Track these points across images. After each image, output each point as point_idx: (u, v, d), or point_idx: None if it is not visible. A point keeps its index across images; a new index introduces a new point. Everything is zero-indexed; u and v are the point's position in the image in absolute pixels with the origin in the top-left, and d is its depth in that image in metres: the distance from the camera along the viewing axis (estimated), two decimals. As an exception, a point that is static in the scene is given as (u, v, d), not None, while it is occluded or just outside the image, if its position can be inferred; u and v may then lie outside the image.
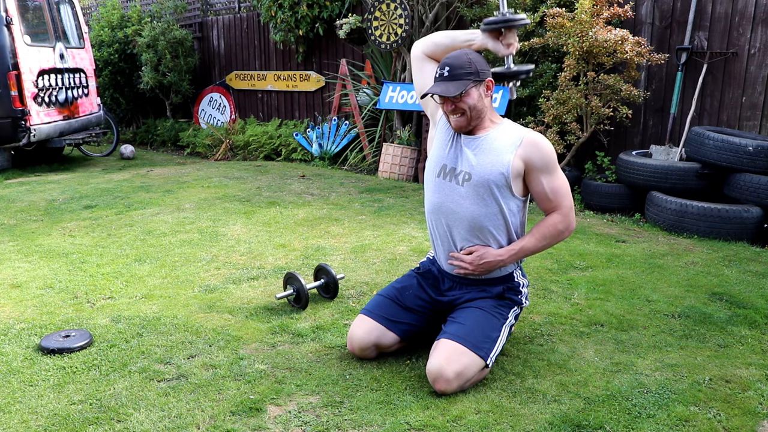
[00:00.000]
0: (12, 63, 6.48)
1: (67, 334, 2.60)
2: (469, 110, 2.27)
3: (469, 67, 2.25)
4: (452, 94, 2.22)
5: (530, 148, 2.27)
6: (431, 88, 2.28)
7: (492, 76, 2.32)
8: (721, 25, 4.84)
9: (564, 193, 2.34)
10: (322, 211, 4.83)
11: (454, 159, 2.35)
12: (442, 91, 2.23)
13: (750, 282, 3.27)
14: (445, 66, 2.27)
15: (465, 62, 2.25)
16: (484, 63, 2.30)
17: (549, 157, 2.29)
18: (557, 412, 2.05)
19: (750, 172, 4.16)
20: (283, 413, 2.07)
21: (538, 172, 2.29)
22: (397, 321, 2.39)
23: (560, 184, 2.33)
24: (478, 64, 2.27)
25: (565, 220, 2.34)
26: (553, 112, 5.00)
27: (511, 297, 2.38)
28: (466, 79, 2.24)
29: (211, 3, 9.43)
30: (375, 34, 6.34)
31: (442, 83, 2.25)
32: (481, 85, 2.28)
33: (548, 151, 2.30)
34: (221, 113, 9.07)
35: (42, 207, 5.18)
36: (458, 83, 2.23)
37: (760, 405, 2.11)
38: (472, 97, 2.26)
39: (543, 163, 2.28)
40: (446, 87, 2.23)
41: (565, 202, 2.34)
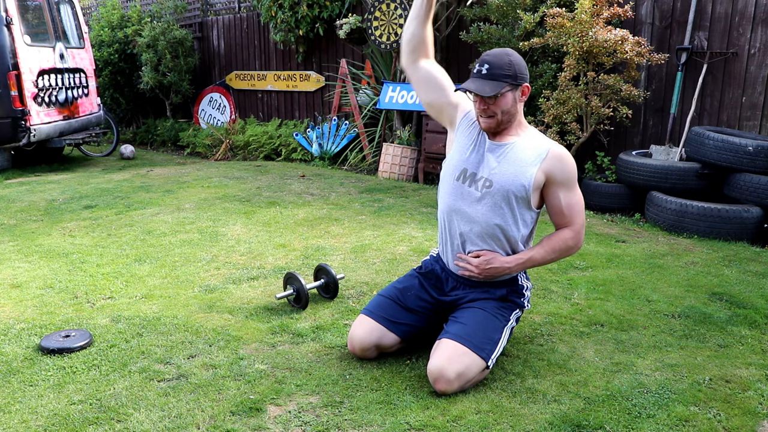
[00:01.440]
0: (12, 63, 6.48)
1: (67, 334, 2.60)
2: (501, 113, 2.23)
3: (509, 69, 2.20)
4: (488, 94, 2.17)
5: (555, 162, 2.26)
6: (467, 83, 2.21)
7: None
8: (721, 25, 4.84)
9: (579, 211, 2.33)
10: (322, 211, 4.83)
11: (476, 164, 2.32)
12: (478, 89, 2.17)
13: (750, 282, 3.27)
14: (485, 63, 2.21)
15: (505, 63, 2.20)
16: (524, 67, 2.25)
17: (571, 173, 2.29)
18: (557, 412, 2.05)
19: (750, 172, 4.16)
20: (283, 413, 2.07)
21: (558, 186, 2.29)
22: (398, 322, 2.39)
23: (577, 201, 2.33)
24: (518, 67, 2.22)
25: (576, 236, 2.34)
26: (553, 112, 5.00)
27: (514, 299, 2.37)
28: (503, 81, 2.19)
29: (211, 3, 9.43)
30: (375, 34, 6.34)
31: (479, 80, 2.20)
32: (517, 90, 2.24)
33: (571, 167, 2.30)
34: (221, 113, 9.07)
35: (42, 207, 5.18)
36: (495, 84, 2.18)
37: (760, 405, 2.11)
38: (506, 100, 2.22)
39: (565, 178, 2.28)
40: (482, 85, 2.18)
41: (578, 219, 2.34)
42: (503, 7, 5.40)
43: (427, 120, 5.95)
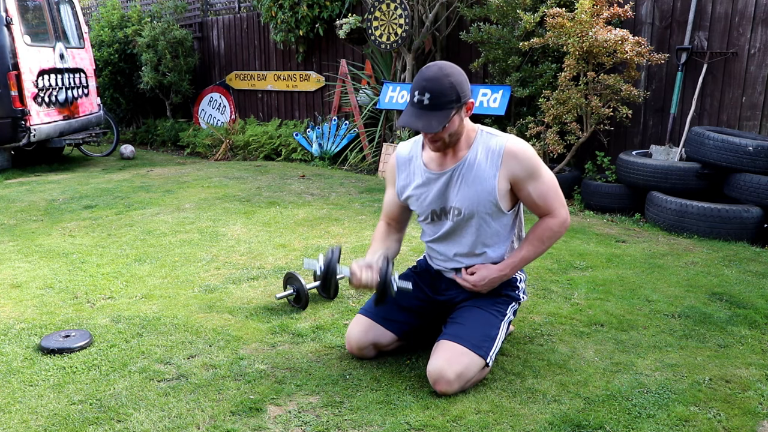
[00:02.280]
0: (12, 63, 6.48)
1: (67, 334, 2.60)
2: (448, 137, 2.13)
3: (452, 92, 2.05)
4: (436, 130, 2.05)
5: (511, 162, 2.17)
6: (409, 119, 2.06)
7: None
8: (721, 25, 4.84)
9: (553, 196, 2.25)
10: (322, 211, 4.83)
11: (440, 200, 2.26)
12: (424, 127, 2.05)
13: (750, 282, 3.27)
14: (425, 91, 2.04)
15: (447, 87, 2.04)
16: (464, 82, 2.10)
17: (531, 164, 2.18)
18: (557, 412, 2.05)
19: (750, 172, 4.16)
20: (283, 413, 2.07)
21: (523, 182, 2.20)
22: (394, 320, 2.39)
23: (548, 187, 2.23)
24: (459, 87, 2.07)
25: (560, 221, 2.28)
26: (553, 112, 5.00)
27: (509, 293, 2.36)
28: (448, 108, 2.05)
29: (211, 3, 9.43)
30: (375, 34, 6.34)
31: (423, 114, 2.05)
32: (462, 109, 2.12)
33: (529, 158, 2.18)
34: (221, 113, 9.07)
35: (42, 207, 5.18)
36: (441, 114, 2.05)
37: (760, 405, 2.11)
38: (453, 124, 2.11)
39: (526, 173, 2.19)
40: (428, 121, 2.05)
41: (555, 203, 2.26)
42: (503, 7, 5.40)
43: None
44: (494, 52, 5.55)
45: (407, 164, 2.35)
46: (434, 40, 6.45)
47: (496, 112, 5.53)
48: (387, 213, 2.47)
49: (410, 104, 2.10)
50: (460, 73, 2.10)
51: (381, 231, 2.47)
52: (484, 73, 6.18)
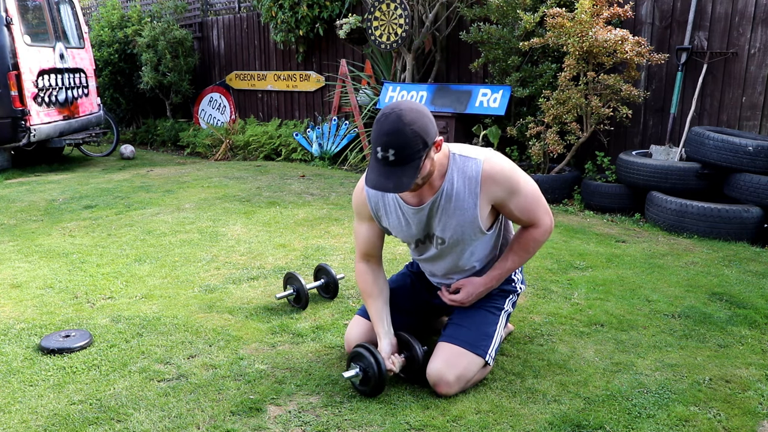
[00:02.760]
0: (12, 63, 6.48)
1: (67, 334, 2.60)
2: (422, 180, 1.99)
3: (415, 140, 1.87)
4: (408, 188, 1.89)
5: (491, 187, 2.07)
6: (375, 178, 1.90)
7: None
8: (721, 25, 4.84)
9: (535, 206, 2.16)
10: (322, 211, 4.83)
11: (422, 230, 2.20)
12: (396, 186, 1.88)
13: (750, 282, 3.27)
14: (389, 148, 1.86)
15: (410, 137, 1.86)
16: (429, 123, 1.92)
17: (510, 183, 2.09)
18: (557, 412, 2.05)
19: (750, 172, 4.15)
20: (283, 413, 2.07)
21: (505, 201, 2.12)
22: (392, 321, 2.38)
23: (530, 201, 2.14)
24: (422, 131, 1.88)
25: (542, 228, 2.21)
26: (553, 112, 5.00)
27: (504, 287, 2.35)
28: (416, 159, 1.89)
29: (211, 3, 9.43)
30: (375, 34, 6.34)
31: (391, 174, 1.88)
32: (431, 150, 1.95)
33: (507, 177, 2.08)
34: (221, 113, 9.07)
35: (42, 207, 5.18)
36: (410, 168, 1.89)
37: (760, 405, 2.11)
38: (425, 169, 1.95)
39: (507, 192, 2.10)
40: (398, 180, 1.88)
41: (539, 213, 2.18)
42: (503, 7, 5.40)
43: (427, 120, 5.94)
44: (494, 52, 5.55)
45: (381, 197, 2.20)
46: (434, 40, 6.45)
47: (496, 112, 5.53)
48: (364, 250, 2.32)
49: (374, 161, 1.93)
50: (422, 115, 1.91)
51: (367, 280, 2.31)
52: (484, 73, 6.18)
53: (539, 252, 3.74)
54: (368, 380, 2.13)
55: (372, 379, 2.11)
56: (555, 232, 4.21)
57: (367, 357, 2.11)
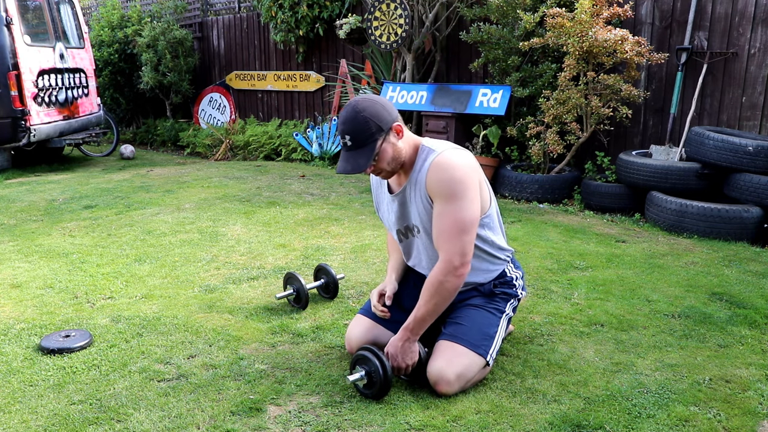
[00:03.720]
0: (12, 63, 6.48)
1: (67, 334, 2.60)
2: (387, 164, 2.11)
3: (368, 126, 2.04)
4: (363, 168, 2.05)
5: (432, 174, 2.08)
6: (340, 165, 2.10)
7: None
8: (721, 25, 4.84)
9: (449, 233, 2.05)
10: (322, 211, 4.83)
11: (402, 218, 2.26)
12: (354, 168, 2.06)
13: (750, 282, 3.27)
14: (345, 134, 2.07)
15: (362, 123, 2.04)
16: (381, 110, 2.07)
17: (448, 184, 2.05)
18: (557, 412, 2.05)
19: (750, 172, 4.16)
20: (283, 413, 2.07)
21: (436, 199, 2.09)
22: (394, 320, 2.39)
23: (448, 221, 2.05)
24: (376, 117, 2.05)
25: (444, 266, 2.07)
26: (553, 112, 5.00)
27: (505, 291, 2.35)
28: (371, 143, 2.05)
29: (211, 3, 9.43)
30: (375, 34, 6.34)
31: (350, 157, 2.08)
32: (390, 135, 2.08)
33: (449, 177, 2.05)
34: (221, 113, 9.07)
35: (42, 207, 5.18)
36: (365, 151, 2.06)
37: (760, 405, 2.11)
38: (386, 153, 2.08)
39: (436, 193, 2.08)
40: (355, 162, 2.06)
41: (447, 244, 2.06)
42: (503, 7, 5.40)
43: (427, 120, 5.95)
44: (494, 52, 5.55)
45: (379, 185, 2.37)
46: (434, 40, 6.45)
47: (496, 112, 5.53)
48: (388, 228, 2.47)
49: (342, 149, 2.14)
50: (376, 103, 2.08)
51: (390, 242, 2.53)
52: (484, 73, 6.18)
53: (539, 252, 3.74)
54: (373, 384, 2.11)
55: (377, 382, 2.09)
56: (555, 232, 4.21)
57: (372, 360, 2.09)
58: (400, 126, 2.12)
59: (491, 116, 5.66)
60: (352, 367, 2.17)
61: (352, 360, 2.20)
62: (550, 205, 5.14)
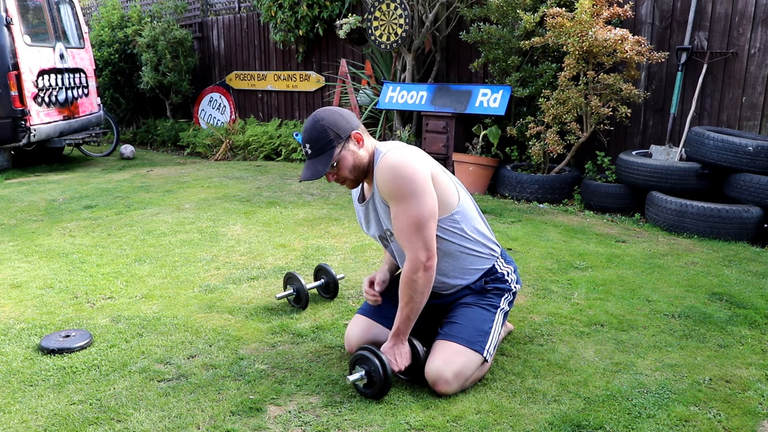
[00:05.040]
0: (12, 63, 6.48)
1: (67, 334, 2.60)
2: (350, 172, 2.15)
3: (325, 134, 2.10)
4: (322, 173, 2.09)
5: (380, 176, 2.09)
6: (302, 173, 2.15)
7: None
8: (721, 25, 4.84)
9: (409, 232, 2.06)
10: (322, 211, 4.83)
11: (377, 225, 2.28)
12: (313, 174, 2.09)
13: (750, 282, 3.27)
14: (305, 143, 2.14)
15: (320, 132, 2.10)
16: (341, 120, 2.13)
17: (391, 184, 2.06)
18: (557, 412, 2.05)
19: (750, 172, 4.16)
20: (283, 413, 2.07)
21: (389, 202, 2.10)
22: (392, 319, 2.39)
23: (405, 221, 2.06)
24: (333, 126, 2.11)
25: (411, 264, 2.08)
26: (552, 112, 5.00)
27: (497, 286, 2.34)
28: (328, 150, 2.10)
29: (211, 3, 9.43)
30: (375, 34, 6.34)
31: (311, 164, 2.12)
32: (349, 143, 2.13)
33: (390, 178, 2.06)
34: (221, 113, 9.07)
35: (42, 207, 5.18)
36: (323, 158, 2.10)
37: (760, 405, 2.11)
38: (346, 161, 2.12)
39: (388, 194, 2.09)
40: (314, 168, 2.10)
41: (411, 242, 2.07)
42: (503, 7, 5.40)
43: (427, 120, 5.95)
44: (494, 52, 5.55)
45: (354, 196, 2.41)
46: (434, 40, 6.45)
47: (496, 112, 5.53)
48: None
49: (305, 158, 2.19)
50: (334, 112, 2.15)
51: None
52: (484, 73, 6.18)
53: (539, 252, 3.74)
54: (373, 383, 2.12)
55: (377, 382, 2.10)
56: (555, 232, 4.21)
57: (372, 359, 2.10)
58: (360, 134, 2.15)
59: (491, 116, 5.66)
60: (352, 367, 2.17)
61: (351, 360, 2.20)
62: (550, 205, 5.14)
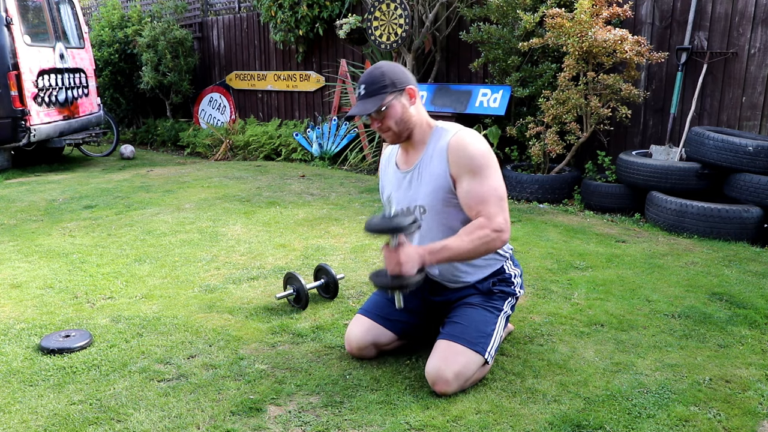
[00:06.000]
0: (12, 63, 6.48)
1: (67, 334, 2.60)
2: (395, 124, 2.21)
3: (383, 79, 2.18)
4: (370, 110, 2.15)
5: (454, 152, 2.15)
6: (352, 109, 2.21)
7: (370, 230, 2.02)
8: (721, 25, 4.84)
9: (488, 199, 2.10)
10: (322, 211, 4.83)
11: (406, 198, 2.31)
12: (360, 110, 2.17)
13: (750, 282, 3.27)
14: (361, 84, 2.21)
15: (378, 76, 2.19)
16: (400, 72, 2.22)
17: (473, 160, 2.13)
18: (557, 412, 2.05)
19: (750, 172, 4.15)
20: (283, 413, 2.07)
21: (462, 176, 2.14)
22: (393, 319, 2.39)
23: (485, 190, 2.11)
24: (393, 75, 2.19)
25: (492, 224, 2.09)
26: (552, 112, 5.00)
27: (503, 289, 2.35)
28: (382, 93, 2.17)
29: (211, 3, 9.43)
30: (375, 34, 6.34)
31: (360, 103, 2.20)
32: (401, 95, 2.20)
33: (472, 152, 2.13)
34: (221, 113, 9.07)
35: (42, 207, 5.18)
36: (375, 99, 2.17)
37: (760, 405, 2.11)
38: (395, 110, 2.19)
39: (466, 167, 2.14)
40: (363, 106, 2.18)
41: (494, 209, 2.10)
42: (503, 7, 5.40)
43: (427, 120, 5.95)
44: (494, 52, 5.55)
45: (387, 164, 2.47)
46: (434, 40, 6.45)
47: (496, 112, 5.53)
48: None
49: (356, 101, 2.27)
50: (395, 66, 2.25)
51: None
52: (484, 73, 6.18)
53: (539, 252, 3.74)
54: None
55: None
56: (555, 232, 4.22)
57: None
58: (414, 91, 2.22)
59: (491, 116, 5.66)
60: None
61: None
62: (550, 205, 5.14)
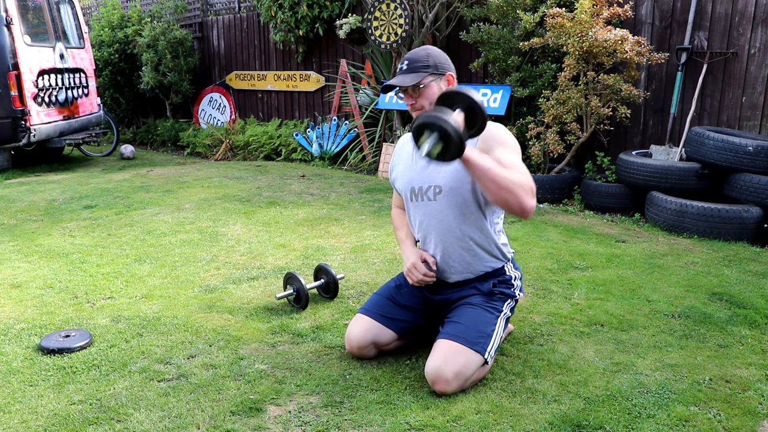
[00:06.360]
0: (12, 63, 6.48)
1: (67, 334, 2.60)
2: (428, 105, 2.23)
3: (427, 60, 2.23)
4: (408, 84, 2.20)
5: (484, 133, 2.15)
6: (390, 80, 2.26)
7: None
8: (721, 25, 4.84)
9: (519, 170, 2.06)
10: (322, 211, 4.83)
11: (420, 178, 2.33)
12: (399, 81, 2.22)
13: (750, 282, 3.27)
14: (405, 60, 2.27)
15: (423, 56, 2.24)
16: (444, 58, 2.27)
17: (503, 137, 2.19)
18: (557, 412, 2.05)
19: (750, 172, 4.15)
20: (283, 413, 2.07)
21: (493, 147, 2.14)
22: (393, 318, 2.39)
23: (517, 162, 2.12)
24: (437, 59, 2.25)
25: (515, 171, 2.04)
26: (552, 112, 5.00)
27: (503, 290, 2.36)
28: (422, 72, 2.22)
29: (211, 3, 9.43)
30: (375, 34, 6.34)
31: (400, 76, 2.25)
32: (441, 80, 2.25)
33: (504, 134, 2.20)
34: (221, 113, 9.07)
35: (42, 207, 5.18)
36: (415, 75, 2.22)
37: (760, 405, 2.11)
38: (431, 90, 2.23)
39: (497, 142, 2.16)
40: (403, 78, 2.23)
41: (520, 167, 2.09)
42: (503, 7, 5.40)
43: (427, 120, 5.94)
44: (494, 52, 5.55)
45: (402, 148, 2.50)
46: (434, 40, 6.45)
47: (496, 112, 5.53)
48: (398, 204, 2.66)
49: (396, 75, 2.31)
50: (441, 53, 2.29)
51: (397, 217, 2.64)
52: (484, 73, 6.18)
53: (539, 252, 3.74)
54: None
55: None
56: (555, 232, 4.22)
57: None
58: (453, 78, 2.27)
59: (491, 116, 5.65)
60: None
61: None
62: (550, 205, 5.14)
